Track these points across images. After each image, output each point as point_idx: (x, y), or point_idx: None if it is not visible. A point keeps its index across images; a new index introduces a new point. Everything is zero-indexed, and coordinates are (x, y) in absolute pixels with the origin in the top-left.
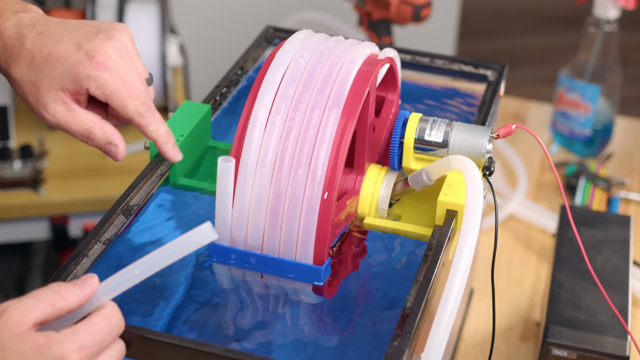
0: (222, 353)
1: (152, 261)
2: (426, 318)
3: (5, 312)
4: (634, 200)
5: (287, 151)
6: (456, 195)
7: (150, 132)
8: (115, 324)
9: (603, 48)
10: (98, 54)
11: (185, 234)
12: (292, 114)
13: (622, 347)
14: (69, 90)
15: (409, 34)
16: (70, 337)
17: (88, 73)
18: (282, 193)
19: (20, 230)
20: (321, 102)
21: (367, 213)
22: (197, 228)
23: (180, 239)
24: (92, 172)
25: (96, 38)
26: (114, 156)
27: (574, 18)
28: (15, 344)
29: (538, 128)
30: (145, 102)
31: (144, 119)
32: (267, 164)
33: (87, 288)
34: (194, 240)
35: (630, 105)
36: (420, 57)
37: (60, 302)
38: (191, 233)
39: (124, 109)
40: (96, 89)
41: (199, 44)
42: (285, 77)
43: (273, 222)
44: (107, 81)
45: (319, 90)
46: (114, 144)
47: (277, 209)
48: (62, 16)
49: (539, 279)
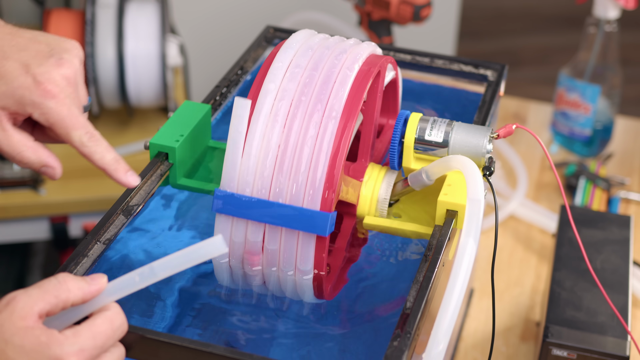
0: (222, 353)
1: (161, 267)
2: (426, 318)
3: (11, 303)
4: (634, 200)
5: (287, 151)
6: (456, 195)
7: (96, 161)
8: (117, 327)
9: (603, 48)
10: (46, 80)
11: (196, 244)
12: (292, 117)
13: (622, 347)
14: (9, 110)
15: (409, 34)
16: (72, 339)
17: (34, 99)
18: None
19: (20, 230)
20: (321, 105)
21: (367, 213)
22: (208, 240)
23: (191, 248)
24: (92, 172)
25: (46, 62)
26: (51, 176)
27: (574, 18)
28: (17, 339)
29: (538, 128)
30: (90, 132)
31: (88, 148)
32: (267, 167)
33: (94, 285)
34: (205, 252)
35: (630, 105)
36: (420, 57)
37: (64, 293)
38: (203, 244)
39: (67, 138)
40: (40, 115)
41: (199, 44)
42: (284, 81)
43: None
44: (52, 110)
45: (318, 93)
46: (50, 166)
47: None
48: (62, 16)
49: (539, 279)
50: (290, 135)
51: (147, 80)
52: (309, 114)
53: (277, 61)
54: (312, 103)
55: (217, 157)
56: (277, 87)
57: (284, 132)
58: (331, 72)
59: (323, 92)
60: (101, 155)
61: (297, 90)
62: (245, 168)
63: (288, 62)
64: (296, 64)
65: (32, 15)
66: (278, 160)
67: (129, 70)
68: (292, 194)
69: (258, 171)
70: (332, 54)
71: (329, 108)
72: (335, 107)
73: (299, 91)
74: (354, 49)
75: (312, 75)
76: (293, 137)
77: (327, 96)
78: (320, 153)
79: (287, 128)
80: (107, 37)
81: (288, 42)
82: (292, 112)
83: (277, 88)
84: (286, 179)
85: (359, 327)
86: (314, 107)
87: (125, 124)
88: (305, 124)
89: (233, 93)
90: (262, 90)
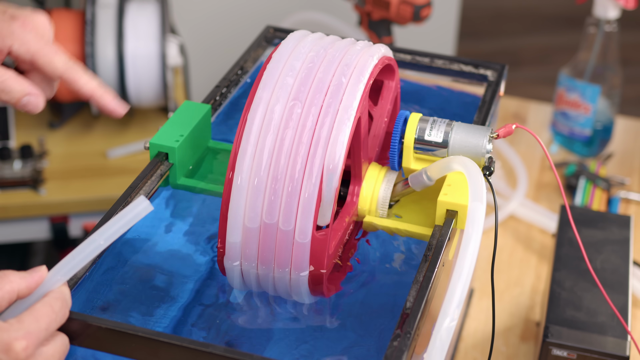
0: (222, 353)
1: (99, 235)
2: (426, 318)
3: None
4: (634, 200)
5: (280, 162)
6: (456, 195)
7: (82, 85)
8: (59, 309)
9: (603, 48)
10: (23, 17)
11: (125, 209)
12: (286, 125)
13: (622, 347)
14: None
15: (409, 34)
16: (16, 325)
17: (13, 30)
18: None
19: (20, 230)
20: (314, 116)
21: (367, 213)
22: (134, 202)
23: (122, 212)
24: (92, 172)
25: (22, 9)
26: (35, 105)
27: (574, 18)
28: None
29: (538, 128)
30: (72, 59)
31: (74, 71)
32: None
33: (36, 273)
34: (136, 213)
35: (630, 105)
36: (420, 57)
37: (8, 285)
38: (130, 206)
39: (51, 65)
40: (20, 46)
41: (199, 44)
42: (276, 88)
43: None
44: (32, 40)
45: (313, 98)
46: (33, 94)
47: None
48: (62, 16)
49: (539, 279)
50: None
51: (147, 80)
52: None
53: (262, 92)
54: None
55: (217, 157)
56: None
57: (271, 167)
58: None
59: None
60: (86, 80)
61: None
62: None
63: (272, 89)
64: (295, 97)
65: None
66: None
67: (129, 70)
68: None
69: None
70: (332, 73)
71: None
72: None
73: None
74: (359, 63)
75: (296, 106)
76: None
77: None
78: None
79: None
80: (107, 37)
81: (278, 63)
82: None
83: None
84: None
85: (358, 326)
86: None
87: (125, 124)
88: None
89: (233, 93)
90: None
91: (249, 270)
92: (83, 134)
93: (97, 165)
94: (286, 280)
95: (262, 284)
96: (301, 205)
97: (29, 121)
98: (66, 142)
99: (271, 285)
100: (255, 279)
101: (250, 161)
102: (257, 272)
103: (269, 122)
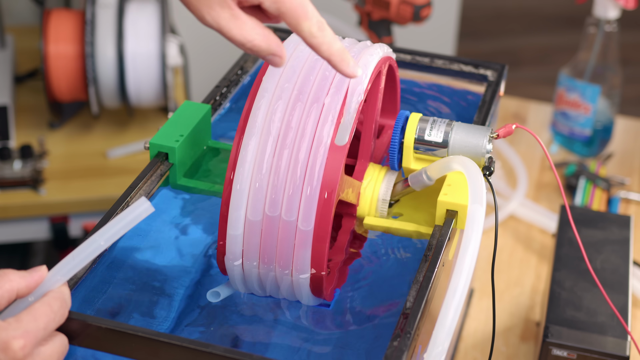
0: (222, 353)
1: (100, 236)
2: (426, 318)
3: None
4: (634, 200)
5: (282, 161)
6: (456, 195)
7: (323, 52)
8: (57, 309)
9: (603, 48)
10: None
11: (126, 210)
12: (288, 121)
13: (622, 347)
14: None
15: (409, 34)
16: (14, 324)
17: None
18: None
19: (20, 230)
20: (316, 110)
21: (367, 213)
22: (135, 203)
23: (123, 213)
24: (92, 172)
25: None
26: (276, 64)
27: (574, 18)
28: None
29: (538, 128)
30: (320, 21)
31: (316, 39)
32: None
33: (36, 272)
34: (137, 214)
35: (630, 105)
36: (420, 57)
37: (7, 284)
38: (131, 207)
39: (296, 28)
40: (272, 3)
41: (199, 44)
42: (279, 83)
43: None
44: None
45: (314, 96)
46: (278, 55)
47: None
48: (62, 16)
49: (539, 279)
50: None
51: (147, 80)
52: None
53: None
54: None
55: (217, 157)
56: (263, 124)
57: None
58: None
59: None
60: (328, 46)
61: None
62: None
63: (275, 84)
64: (296, 97)
65: (32, 15)
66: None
67: (129, 70)
68: None
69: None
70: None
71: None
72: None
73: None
74: (361, 61)
75: (298, 101)
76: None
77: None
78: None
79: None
80: (107, 37)
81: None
82: (275, 168)
83: (262, 125)
84: None
85: (358, 327)
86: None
87: (125, 124)
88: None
89: (233, 93)
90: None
91: (250, 269)
92: (83, 134)
93: (97, 165)
94: (288, 279)
95: (263, 281)
96: (304, 195)
97: (29, 121)
98: (66, 142)
99: (273, 285)
100: (257, 278)
101: (252, 160)
102: (259, 271)
103: (270, 122)
